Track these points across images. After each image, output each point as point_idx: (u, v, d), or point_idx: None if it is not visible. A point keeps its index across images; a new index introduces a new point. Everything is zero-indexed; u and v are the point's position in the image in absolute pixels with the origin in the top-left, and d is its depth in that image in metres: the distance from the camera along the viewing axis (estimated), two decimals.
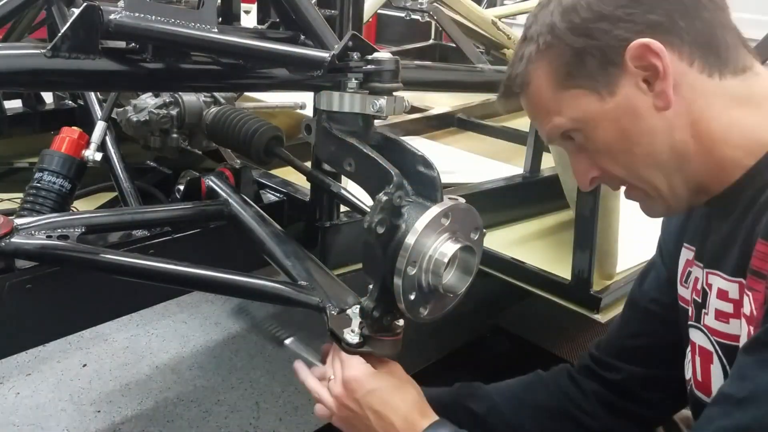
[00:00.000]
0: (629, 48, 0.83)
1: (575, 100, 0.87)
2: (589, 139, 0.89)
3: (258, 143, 1.40)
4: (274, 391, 2.25)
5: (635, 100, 0.85)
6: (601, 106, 0.86)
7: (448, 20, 2.97)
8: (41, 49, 1.01)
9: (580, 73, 0.86)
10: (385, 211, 0.87)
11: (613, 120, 0.86)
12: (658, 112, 0.85)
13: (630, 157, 0.88)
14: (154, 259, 1.18)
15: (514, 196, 2.06)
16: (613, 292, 1.66)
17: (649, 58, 0.82)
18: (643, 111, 0.85)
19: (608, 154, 0.89)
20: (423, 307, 0.92)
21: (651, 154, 0.87)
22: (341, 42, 0.98)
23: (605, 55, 0.84)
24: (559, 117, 0.90)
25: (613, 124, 0.86)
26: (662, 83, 0.83)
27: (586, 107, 0.87)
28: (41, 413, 2.08)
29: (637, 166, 0.88)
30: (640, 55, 0.82)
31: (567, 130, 0.90)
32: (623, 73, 0.84)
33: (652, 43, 0.82)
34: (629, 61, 0.83)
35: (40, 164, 1.39)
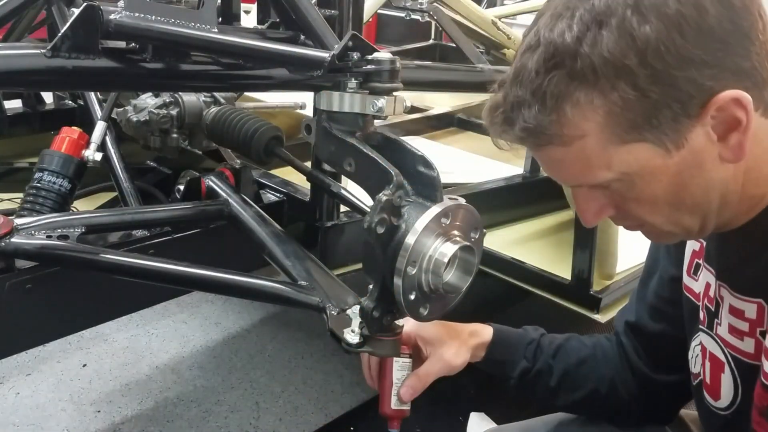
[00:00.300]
0: (716, 100, 0.70)
1: (633, 154, 0.73)
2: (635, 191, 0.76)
3: (258, 143, 1.40)
4: (274, 391, 2.25)
5: (703, 153, 0.73)
6: (664, 160, 0.73)
7: (448, 20, 2.97)
8: (41, 49, 1.01)
9: (649, 125, 0.71)
10: (385, 211, 0.87)
11: (674, 175, 0.74)
12: (722, 163, 0.74)
13: (676, 207, 0.77)
14: (154, 259, 1.18)
15: (514, 196, 2.07)
16: (613, 292, 1.66)
17: (733, 111, 0.70)
18: (708, 162, 0.74)
19: (651, 205, 0.78)
20: (423, 307, 0.92)
21: (701, 204, 0.77)
22: (341, 42, 0.98)
23: (684, 107, 0.70)
24: (606, 171, 0.75)
25: (673, 178, 0.74)
26: (741, 136, 0.72)
27: (645, 161, 0.73)
28: (41, 413, 2.07)
29: (681, 215, 0.78)
30: (725, 107, 0.70)
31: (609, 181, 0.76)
32: (697, 123, 0.71)
33: (743, 96, 0.70)
34: (710, 112, 0.71)
35: (40, 164, 1.39)
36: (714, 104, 0.70)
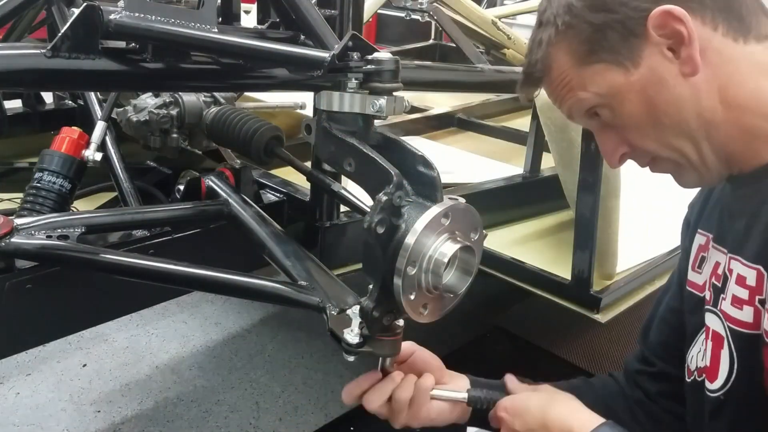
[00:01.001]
0: (651, 16, 0.81)
1: (599, 74, 0.86)
2: (616, 114, 0.88)
3: (258, 143, 1.40)
4: (274, 391, 2.25)
5: (661, 69, 0.84)
6: (626, 78, 0.85)
7: (448, 20, 2.97)
8: (41, 49, 1.01)
9: (602, 47, 0.85)
10: (385, 211, 0.87)
11: (640, 91, 0.85)
12: (685, 78, 0.83)
13: (658, 128, 0.86)
14: (154, 259, 1.17)
15: (514, 196, 2.07)
16: (613, 292, 1.66)
17: (672, 25, 0.81)
18: (670, 79, 0.84)
19: (636, 128, 0.88)
20: (423, 307, 0.92)
21: (679, 123, 0.85)
22: (341, 42, 0.97)
23: (626, 27, 0.83)
24: (584, 92, 0.89)
25: (640, 96, 0.85)
26: (688, 49, 0.82)
27: (611, 81, 0.86)
28: (41, 413, 2.08)
29: (666, 136, 0.87)
30: (663, 23, 0.81)
31: (592, 106, 0.89)
32: (646, 43, 0.83)
33: (673, 9, 0.80)
34: (652, 30, 0.82)
35: (40, 164, 1.39)
36: (650, 20, 0.82)
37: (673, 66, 0.83)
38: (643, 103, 0.86)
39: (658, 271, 1.83)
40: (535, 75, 0.93)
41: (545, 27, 0.90)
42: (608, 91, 0.87)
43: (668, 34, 0.82)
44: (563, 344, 2.53)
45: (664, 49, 0.83)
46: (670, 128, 0.86)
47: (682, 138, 0.86)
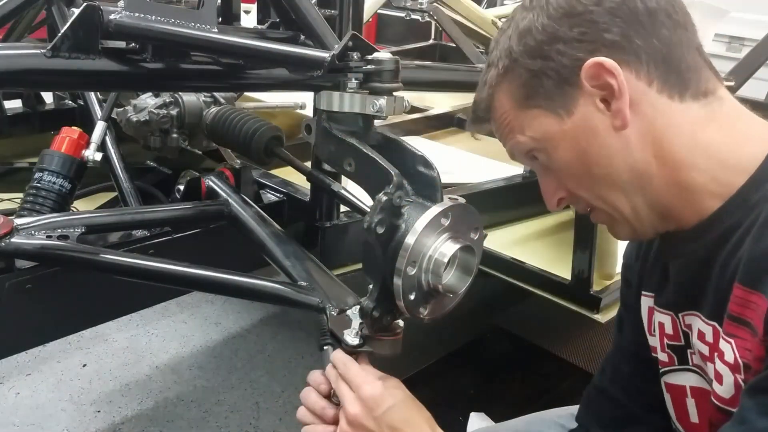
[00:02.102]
0: (584, 67, 0.82)
1: (535, 120, 0.87)
2: (551, 159, 0.89)
3: (258, 143, 1.40)
4: (274, 391, 2.25)
5: (593, 120, 0.84)
6: (560, 126, 0.85)
7: (448, 20, 2.97)
8: (41, 49, 1.01)
9: (537, 93, 0.86)
10: (385, 211, 0.87)
11: (572, 139, 0.85)
12: (616, 131, 0.83)
13: (590, 178, 0.87)
14: (154, 259, 1.18)
15: (514, 196, 2.07)
16: (613, 292, 1.66)
17: (604, 77, 0.81)
18: (601, 130, 0.84)
19: (570, 175, 0.89)
20: (423, 307, 0.92)
21: (610, 175, 0.85)
22: (341, 42, 0.98)
23: (560, 75, 0.84)
24: (522, 136, 0.89)
25: (572, 144, 0.86)
26: (618, 102, 0.82)
27: (545, 127, 0.87)
28: (41, 413, 2.08)
29: (598, 187, 0.87)
30: (595, 74, 0.81)
31: (530, 149, 0.90)
32: (580, 93, 0.83)
33: (605, 61, 0.80)
34: (585, 81, 0.82)
35: (40, 164, 1.39)
36: (583, 71, 0.82)
37: (605, 118, 0.83)
38: (575, 152, 0.86)
39: None
40: (479, 114, 0.94)
41: (489, 68, 0.91)
42: (543, 137, 0.88)
43: (601, 85, 0.82)
44: (563, 344, 2.52)
45: (597, 100, 0.83)
46: (601, 179, 0.86)
47: (614, 190, 0.86)
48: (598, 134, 0.84)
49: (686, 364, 0.92)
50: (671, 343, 0.94)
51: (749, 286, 0.76)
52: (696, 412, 0.93)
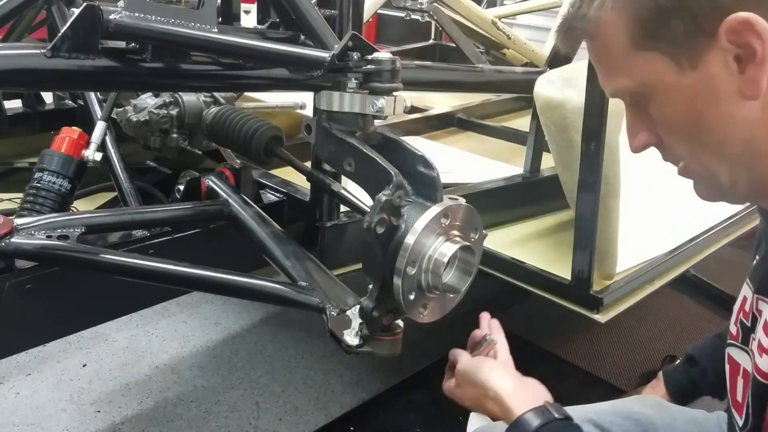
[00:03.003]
0: (727, 20, 0.69)
1: (649, 64, 0.75)
2: (656, 110, 0.78)
3: (258, 143, 1.40)
4: (274, 391, 2.25)
5: (719, 81, 0.72)
6: (678, 78, 0.74)
7: (448, 20, 2.97)
8: (41, 49, 1.01)
9: (661, 35, 0.73)
10: (385, 211, 0.87)
11: (689, 97, 0.75)
12: (743, 99, 0.72)
13: (696, 141, 0.77)
14: (154, 259, 1.17)
15: (514, 196, 2.06)
16: (613, 292, 1.66)
17: (748, 37, 0.69)
18: (726, 95, 0.73)
19: (672, 130, 0.79)
20: (423, 307, 0.92)
21: (721, 144, 0.76)
22: (341, 42, 0.98)
23: (696, 20, 0.71)
24: (627, 78, 0.78)
25: (687, 102, 0.75)
26: (757, 70, 0.70)
27: (660, 76, 0.75)
28: (41, 413, 2.08)
29: (702, 151, 0.77)
30: (739, 31, 0.70)
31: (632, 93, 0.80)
32: (712, 46, 0.71)
33: (756, 21, 0.68)
34: (723, 35, 0.70)
35: (40, 164, 1.39)
36: (726, 24, 0.70)
37: (734, 80, 0.72)
38: (689, 112, 0.76)
39: (658, 271, 1.83)
40: (577, 30, 0.81)
41: None
42: (654, 86, 0.76)
43: (740, 44, 0.71)
44: (563, 344, 2.52)
45: (729, 57, 0.72)
46: (709, 146, 0.77)
47: (719, 159, 0.77)
48: (720, 98, 0.73)
49: (746, 345, 0.88)
50: (743, 320, 0.90)
51: None
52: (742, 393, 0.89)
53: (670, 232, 1.95)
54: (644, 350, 2.57)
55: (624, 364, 2.48)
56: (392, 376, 2.24)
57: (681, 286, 2.78)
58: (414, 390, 2.18)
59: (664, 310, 2.80)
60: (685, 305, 2.84)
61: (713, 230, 2.02)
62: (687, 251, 1.92)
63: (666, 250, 1.86)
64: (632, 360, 2.51)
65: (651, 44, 0.75)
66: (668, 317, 2.78)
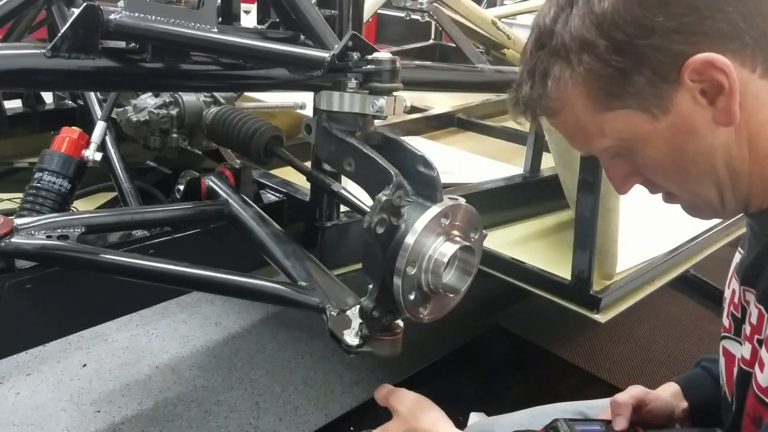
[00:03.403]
0: (688, 64, 0.72)
1: (620, 120, 0.78)
2: (638, 157, 0.80)
3: (258, 143, 1.40)
4: (274, 391, 2.25)
5: (693, 117, 0.75)
6: (652, 125, 0.76)
7: (448, 20, 2.97)
8: (41, 49, 1.01)
9: (625, 93, 0.76)
10: (385, 211, 0.87)
11: (668, 139, 0.77)
12: (718, 127, 0.75)
13: (684, 175, 0.79)
14: (154, 259, 1.17)
15: (514, 196, 2.07)
16: (613, 292, 1.66)
17: (711, 74, 0.72)
18: (701, 127, 0.75)
19: (658, 171, 0.81)
20: (423, 307, 0.92)
21: (707, 172, 0.78)
22: (341, 42, 0.98)
23: (656, 72, 0.74)
24: (602, 138, 0.80)
25: (666, 143, 0.77)
26: (728, 99, 0.73)
27: (634, 127, 0.77)
28: (41, 413, 2.08)
29: (690, 183, 0.80)
30: (702, 71, 0.72)
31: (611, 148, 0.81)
32: (678, 89, 0.74)
33: (716, 59, 0.71)
34: (686, 77, 0.73)
35: (40, 164, 1.39)
36: (687, 68, 0.72)
37: (706, 112, 0.75)
38: (672, 151, 0.77)
39: (658, 271, 1.83)
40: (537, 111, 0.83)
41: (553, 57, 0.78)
42: (631, 137, 0.78)
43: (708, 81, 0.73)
44: (563, 344, 2.52)
45: (696, 93, 0.74)
46: (696, 176, 0.79)
47: (707, 185, 0.79)
48: (698, 131, 0.76)
49: (739, 337, 0.89)
50: (734, 312, 0.91)
51: None
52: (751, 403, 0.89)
53: (670, 232, 1.95)
54: (644, 350, 2.57)
55: (624, 364, 2.48)
56: (392, 376, 2.24)
57: (681, 286, 2.78)
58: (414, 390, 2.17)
59: (664, 310, 2.80)
60: (685, 305, 2.85)
61: (713, 230, 2.02)
62: (687, 251, 1.92)
63: (666, 250, 1.86)
64: (632, 360, 2.51)
65: (618, 103, 0.77)
66: (668, 317, 2.78)
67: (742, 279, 0.89)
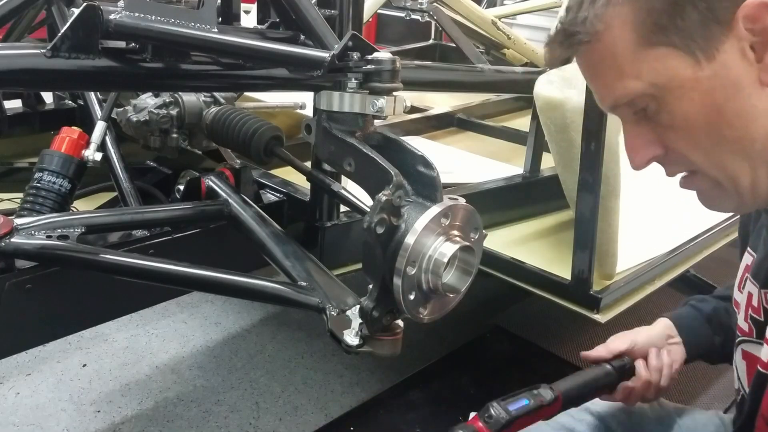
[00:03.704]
0: (745, 5, 0.67)
1: (661, 61, 0.70)
2: (667, 111, 0.73)
3: (258, 143, 1.40)
4: (274, 391, 2.25)
5: (738, 71, 0.69)
6: (694, 71, 0.70)
7: (448, 20, 2.97)
8: (41, 49, 1.01)
9: (674, 27, 0.69)
10: (385, 211, 0.87)
11: (706, 92, 0.70)
12: (764, 88, 0.69)
13: (715, 139, 0.72)
14: (154, 259, 1.17)
15: (514, 196, 2.07)
16: (612, 292, 1.66)
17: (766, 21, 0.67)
18: (746, 85, 0.69)
19: (687, 133, 0.73)
20: (423, 307, 0.92)
21: (742, 139, 0.71)
22: (341, 42, 0.98)
23: (711, 8, 0.68)
24: (636, 81, 0.72)
25: (704, 97, 0.70)
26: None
27: (674, 71, 0.70)
28: (41, 413, 2.08)
29: (720, 151, 0.72)
30: (757, 15, 0.67)
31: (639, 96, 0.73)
32: (729, 35, 0.68)
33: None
34: (741, 21, 0.67)
35: (40, 164, 1.38)
36: (743, 9, 0.67)
37: (752, 70, 0.69)
38: (707, 107, 0.71)
39: (658, 271, 1.83)
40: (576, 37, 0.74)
41: None
42: (668, 83, 0.71)
43: (758, 30, 0.68)
44: (563, 344, 2.52)
45: (746, 46, 0.68)
46: (729, 143, 0.72)
47: (740, 157, 0.72)
48: (741, 89, 0.70)
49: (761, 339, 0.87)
50: (754, 316, 0.89)
51: None
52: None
53: (670, 232, 1.95)
54: None
55: None
56: (392, 376, 2.24)
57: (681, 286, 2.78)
58: (414, 390, 2.18)
59: (664, 310, 2.79)
60: None
61: (713, 230, 2.02)
62: (687, 251, 1.92)
63: (666, 250, 1.86)
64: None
65: (663, 38, 0.70)
66: None
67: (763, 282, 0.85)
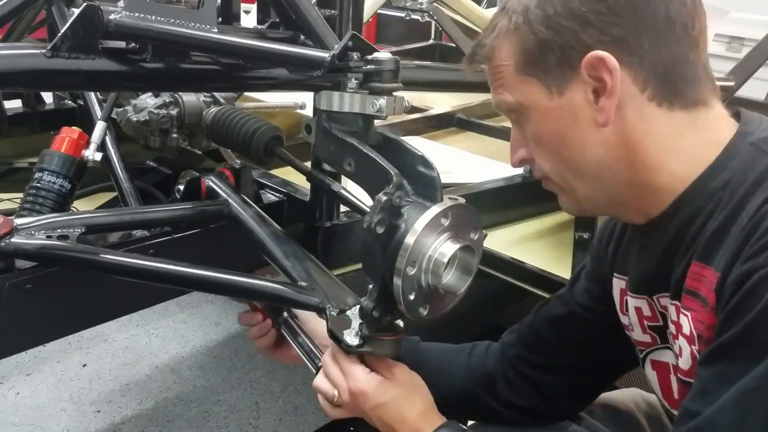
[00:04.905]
0: (589, 56, 0.82)
1: (527, 87, 0.88)
2: (528, 126, 0.91)
3: (258, 143, 1.40)
4: (274, 391, 2.25)
5: (579, 108, 0.85)
6: (547, 101, 0.87)
7: (448, 20, 2.97)
8: (41, 49, 1.01)
9: (538, 63, 0.86)
10: (385, 211, 0.87)
11: (554, 118, 0.87)
12: (596, 126, 0.85)
13: (558, 157, 0.90)
14: (154, 259, 1.17)
15: (514, 196, 2.06)
16: None
17: (601, 72, 0.82)
18: (582, 120, 0.86)
19: (539, 146, 0.91)
20: (423, 307, 0.92)
21: (578, 162, 0.88)
22: (341, 42, 0.98)
23: (565, 54, 0.84)
24: (509, 95, 0.91)
25: (552, 123, 0.88)
26: (607, 100, 0.83)
27: (533, 97, 0.88)
28: (41, 413, 2.08)
29: (563, 167, 0.90)
30: (595, 66, 0.82)
31: (512, 109, 0.92)
32: (576, 78, 0.84)
33: (608, 58, 0.81)
34: (584, 69, 0.83)
35: (40, 164, 1.38)
36: (587, 59, 0.82)
37: (590, 110, 0.85)
38: (553, 130, 0.88)
39: None
40: (477, 56, 0.94)
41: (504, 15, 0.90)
42: (528, 105, 0.89)
43: (597, 78, 0.83)
44: None
45: (589, 90, 0.84)
46: (568, 162, 0.89)
47: (576, 175, 0.90)
48: (578, 123, 0.86)
49: (667, 343, 0.94)
50: (652, 324, 0.97)
51: (703, 261, 0.81)
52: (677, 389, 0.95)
53: None
54: None
55: None
56: None
57: None
58: None
59: None
60: None
61: None
62: None
63: None
64: None
65: (530, 70, 0.87)
66: None
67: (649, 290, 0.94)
